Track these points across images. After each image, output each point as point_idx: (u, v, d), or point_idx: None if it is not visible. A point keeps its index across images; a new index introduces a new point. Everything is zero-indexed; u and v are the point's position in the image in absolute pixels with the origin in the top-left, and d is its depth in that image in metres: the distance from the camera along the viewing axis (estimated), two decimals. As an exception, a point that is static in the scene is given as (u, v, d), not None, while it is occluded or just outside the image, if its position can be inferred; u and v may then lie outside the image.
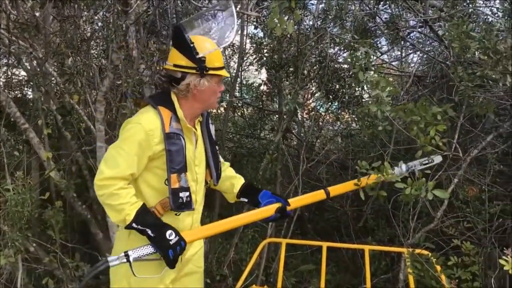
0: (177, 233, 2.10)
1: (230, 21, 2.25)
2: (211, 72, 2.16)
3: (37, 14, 4.17)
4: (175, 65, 2.16)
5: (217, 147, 2.44)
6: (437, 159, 2.79)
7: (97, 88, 3.97)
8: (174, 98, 2.20)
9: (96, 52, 5.02)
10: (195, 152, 2.28)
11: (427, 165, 2.77)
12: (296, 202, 2.59)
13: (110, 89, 3.67)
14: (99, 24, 4.57)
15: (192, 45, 2.11)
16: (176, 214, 2.22)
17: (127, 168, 2.07)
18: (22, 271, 3.58)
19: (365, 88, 4.14)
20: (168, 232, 2.07)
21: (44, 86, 4.22)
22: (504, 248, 1.60)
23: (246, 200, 2.53)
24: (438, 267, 2.57)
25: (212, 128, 2.43)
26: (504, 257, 1.49)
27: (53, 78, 4.33)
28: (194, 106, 2.23)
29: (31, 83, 4.37)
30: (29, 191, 3.54)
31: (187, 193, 2.16)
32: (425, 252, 2.70)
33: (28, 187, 3.56)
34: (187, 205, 2.18)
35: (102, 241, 4.01)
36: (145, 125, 2.09)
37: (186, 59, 2.13)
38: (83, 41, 4.21)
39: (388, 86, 2.53)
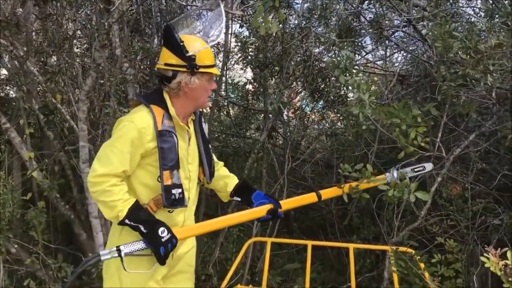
0: (169, 230, 2.12)
1: (219, 20, 2.28)
2: (201, 70, 2.19)
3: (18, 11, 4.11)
4: (166, 64, 2.19)
5: (210, 145, 2.47)
6: (429, 166, 2.85)
7: (80, 87, 3.93)
8: (166, 96, 2.22)
9: (79, 51, 4.97)
10: (188, 150, 2.30)
11: (419, 173, 2.82)
12: (287, 204, 2.60)
13: (93, 88, 3.64)
14: (82, 22, 4.51)
15: (182, 43, 2.14)
16: (169, 211, 2.24)
17: (120, 165, 2.10)
18: (4, 272, 3.53)
19: (350, 87, 4.16)
20: (161, 229, 2.10)
21: (25, 85, 4.16)
22: (486, 245, 1.62)
23: (239, 199, 2.55)
24: (422, 265, 2.60)
25: (205, 126, 2.47)
26: (485, 254, 1.50)
27: (35, 77, 4.27)
28: (186, 104, 2.25)
29: (13, 82, 4.31)
30: (10, 191, 3.50)
31: (180, 190, 2.19)
32: (409, 250, 2.73)
33: (9, 188, 3.51)
34: (180, 202, 2.20)
35: (86, 241, 3.97)
36: (138, 123, 2.12)
37: (177, 58, 2.16)
38: (65, 40, 4.16)
39: (369, 89, 2.55)
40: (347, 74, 2.64)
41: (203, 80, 2.21)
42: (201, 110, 2.45)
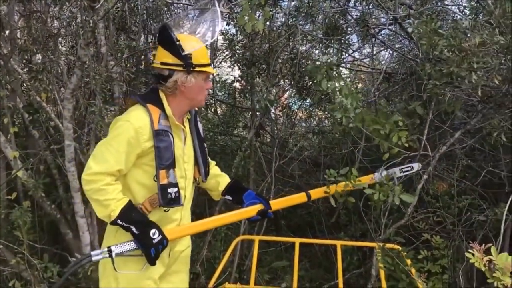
0: (161, 232, 2.14)
1: (213, 20, 2.31)
2: (197, 69, 2.20)
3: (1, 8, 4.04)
4: (162, 63, 2.20)
5: (205, 144, 2.48)
6: (416, 166, 2.88)
7: (65, 86, 3.88)
8: (162, 96, 2.23)
9: (64, 49, 4.91)
10: (184, 149, 2.32)
11: (407, 173, 2.85)
12: (277, 204, 2.61)
13: (79, 86, 3.60)
14: (67, 20, 4.46)
15: (178, 42, 2.15)
16: (165, 210, 2.25)
17: (115, 164, 2.11)
18: (-12, 273, 3.48)
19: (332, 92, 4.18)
20: (152, 231, 2.11)
21: (9, 83, 4.10)
22: (471, 241, 1.64)
23: (230, 198, 2.57)
24: (409, 261, 2.62)
25: (200, 125, 2.48)
26: (470, 250, 1.51)
27: (19, 76, 4.21)
28: (182, 103, 2.27)
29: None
30: (-5, 191, 3.45)
31: (176, 189, 2.20)
32: (396, 246, 2.75)
33: (-6, 188, 3.46)
34: (176, 201, 2.22)
35: (72, 241, 3.93)
36: (134, 123, 2.13)
37: (173, 57, 2.17)
38: (49, 37, 4.10)
39: (351, 94, 2.57)
40: (329, 79, 2.66)
41: (199, 79, 2.23)
42: (196, 109, 2.46)
